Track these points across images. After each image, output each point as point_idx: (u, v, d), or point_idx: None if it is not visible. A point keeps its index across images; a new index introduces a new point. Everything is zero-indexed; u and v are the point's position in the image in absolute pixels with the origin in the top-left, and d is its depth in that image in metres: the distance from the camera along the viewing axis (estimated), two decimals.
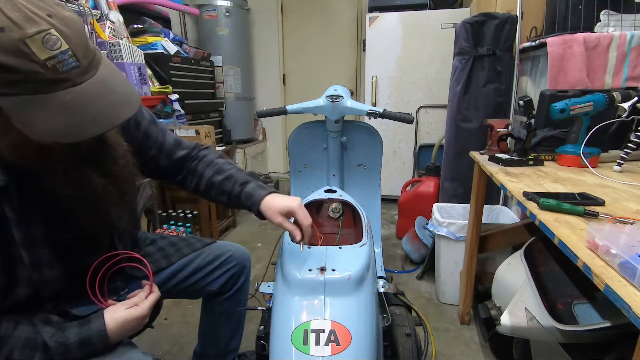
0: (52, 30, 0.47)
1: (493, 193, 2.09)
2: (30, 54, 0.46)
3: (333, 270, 0.77)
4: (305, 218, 0.81)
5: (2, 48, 0.45)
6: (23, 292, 0.63)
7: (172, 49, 2.68)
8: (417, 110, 3.14)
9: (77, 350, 0.64)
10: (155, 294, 0.76)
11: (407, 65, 3.08)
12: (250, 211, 0.86)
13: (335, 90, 1.43)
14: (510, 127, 1.43)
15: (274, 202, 0.82)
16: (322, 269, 0.77)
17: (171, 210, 2.46)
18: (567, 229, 0.69)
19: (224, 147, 2.65)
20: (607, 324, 0.78)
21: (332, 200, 1.22)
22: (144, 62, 2.29)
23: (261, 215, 0.85)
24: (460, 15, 2.78)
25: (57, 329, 0.65)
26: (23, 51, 0.46)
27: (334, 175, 1.60)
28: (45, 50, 0.46)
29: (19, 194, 0.60)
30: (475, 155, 1.45)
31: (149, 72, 2.42)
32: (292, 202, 0.81)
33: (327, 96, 1.41)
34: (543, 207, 0.78)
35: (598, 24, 1.57)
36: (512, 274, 1.18)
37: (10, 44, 0.45)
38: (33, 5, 0.47)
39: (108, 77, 0.54)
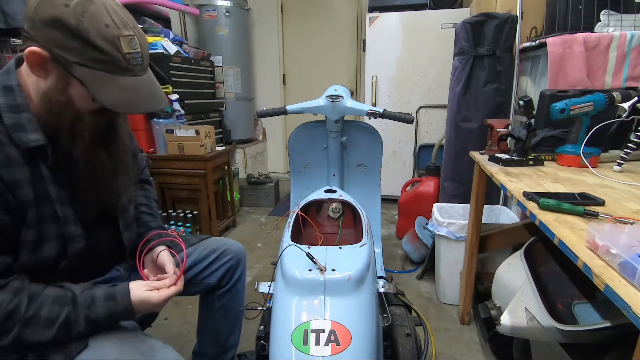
0: (135, 38, 0.67)
1: (493, 193, 2.09)
2: (119, 46, 0.64)
3: (333, 270, 0.77)
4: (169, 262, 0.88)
5: (102, 36, 0.63)
6: (52, 248, 0.72)
7: (172, 49, 2.68)
8: (417, 110, 3.14)
9: (102, 304, 0.72)
10: (178, 287, 0.81)
11: (407, 65, 3.08)
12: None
13: (335, 90, 1.43)
14: (510, 127, 1.43)
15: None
16: (322, 269, 0.77)
17: (171, 210, 2.46)
18: (567, 229, 0.69)
19: (224, 147, 2.65)
20: (607, 324, 0.78)
21: (332, 200, 1.22)
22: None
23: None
24: (460, 15, 2.78)
25: (84, 287, 0.73)
26: (115, 43, 0.64)
27: (334, 175, 1.60)
28: (128, 47, 0.66)
29: (53, 157, 0.71)
30: (475, 155, 1.45)
31: None
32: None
33: (327, 96, 1.41)
34: (543, 207, 0.78)
35: (598, 24, 1.57)
36: (512, 274, 1.18)
37: (110, 36, 0.63)
38: (126, 17, 0.68)
39: (152, 78, 0.74)
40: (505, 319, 1.02)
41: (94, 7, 0.63)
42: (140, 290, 0.76)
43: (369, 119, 1.44)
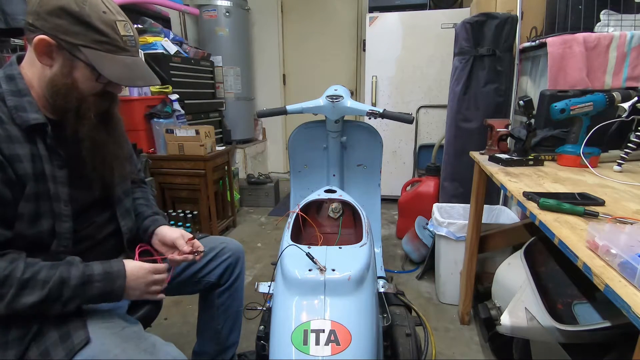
0: (128, 23, 0.77)
1: (493, 193, 2.09)
2: (116, 29, 0.74)
3: (333, 270, 0.77)
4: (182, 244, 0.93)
5: (102, 20, 0.72)
6: (47, 223, 0.76)
7: (172, 49, 2.68)
8: (417, 110, 3.14)
9: (98, 265, 0.77)
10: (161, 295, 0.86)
11: (407, 65, 3.08)
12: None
13: (335, 90, 1.43)
14: (510, 127, 1.43)
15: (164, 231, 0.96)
16: (322, 269, 0.77)
17: (171, 210, 2.46)
18: (567, 229, 0.69)
19: (224, 147, 2.65)
20: (607, 324, 0.78)
21: (332, 200, 1.22)
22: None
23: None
24: (460, 15, 2.79)
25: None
26: (113, 27, 0.73)
27: (334, 175, 1.60)
28: (124, 30, 0.75)
29: (51, 138, 0.76)
30: (475, 155, 1.45)
31: None
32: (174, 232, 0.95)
33: (327, 96, 1.41)
34: (543, 207, 0.78)
35: (598, 24, 1.57)
36: (512, 274, 1.18)
37: (108, 20, 0.73)
38: (117, 7, 0.77)
39: (143, 60, 0.79)
40: (505, 319, 1.02)
41: None
42: (133, 264, 0.81)
43: (369, 119, 1.44)
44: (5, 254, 0.69)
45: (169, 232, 0.94)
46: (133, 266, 0.80)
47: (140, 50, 0.85)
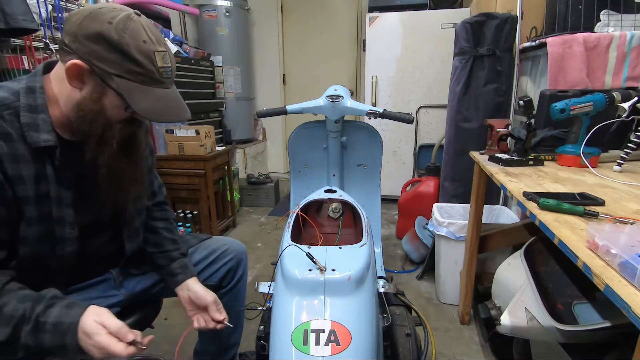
0: (167, 54, 0.73)
1: (493, 193, 2.09)
2: (154, 60, 0.70)
3: (333, 270, 0.77)
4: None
5: (140, 51, 0.68)
6: (49, 246, 0.74)
7: (172, 49, 2.68)
8: (417, 110, 3.14)
9: (57, 311, 0.67)
10: (119, 348, 0.66)
11: (407, 65, 3.08)
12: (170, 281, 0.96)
13: (335, 90, 1.43)
14: (510, 127, 1.43)
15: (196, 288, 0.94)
16: (322, 269, 0.77)
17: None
18: (567, 229, 0.69)
19: (224, 147, 2.65)
20: (607, 324, 0.78)
21: (332, 200, 1.22)
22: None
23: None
24: (460, 15, 2.78)
25: (57, 293, 0.72)
26: (151, 57, 0.70)
27: (334, 175, 1.60)
28: (161, 62, 0.71)
29: (60, 157, 0.74)
30: (475, 155, 1.45)
31: None
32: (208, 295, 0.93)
33: (327, 96, 1.41)
34: (543, 207, 0.78)
35: (598, 24, 1.57)
36: (512, 274, 1.18)
37: (147, 51, 0.69)
38: (159, 35, 0.73)
39: (177, 92, 0.79)
40: (505, 319, 1.02)
41: (134, 24, 0.69)
42: (91, 318, 0.67)
43: (369, 119, 1.44)
44: None
45: (203, 294, 0.92)
46: (92, 321, 0.66)
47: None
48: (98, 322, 0.66)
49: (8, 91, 0.71)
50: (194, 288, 0.93)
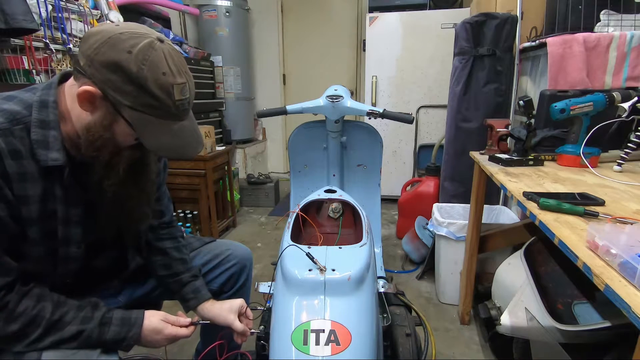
0: (187, 84, 0.68)
1: (493, 193, 2.09)
2: (172, 94, 0.66)
3: (333, 270, 0.77)
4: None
5: (159, 84, 0.64)
6: (51, 263, 0.74)
7: None
8: (417, 110, 3.14)
9: (116, 326, 0.74)
10: (188, 331, 0.86)
11: (407, 65, 3.08)
12: (188, 302, 0.95)
13: (335, 90, 1.43)
14: (510, 127, 1.43)
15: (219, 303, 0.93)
16: (322, 269, 0.77)
17: None
18: (567, 229, 0.69)
19: (224, 147, 2.65)
20: (607, 324, 0.78)
21: (332, 200, 1.22)
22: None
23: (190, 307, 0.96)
24: (460, 15, 2.78)
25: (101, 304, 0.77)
26: (169, 91, 0.65)
27: (334, 175, 1.60)
28: (180, 94, 0.67)
29: (69, 177, 0.72)
30: (475, 155, 1.45)
31: None
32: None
33: (327, 96, 1.41)
34: (543, 207, 0.78)
35: (598, 24, 1.57)
36: (512, 274, 1.18)
37: (165, 84, 0.65)
38: (181, 63, 0.69)
39: (193, 119, 0.76)
40: (505, 319, 1.02)
41: (155, 54, 0.64)
42: (155, 318, 0.80)
43: (369, 119, 1.44)
44: (29, 291, 0.69)
45: (219, 315, 0.90)
46: (151, 329, 0.78)
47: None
48: (162, 319, 0.80)
49: (21, 104, 0.68)
50: (209, 313, 0.91)
